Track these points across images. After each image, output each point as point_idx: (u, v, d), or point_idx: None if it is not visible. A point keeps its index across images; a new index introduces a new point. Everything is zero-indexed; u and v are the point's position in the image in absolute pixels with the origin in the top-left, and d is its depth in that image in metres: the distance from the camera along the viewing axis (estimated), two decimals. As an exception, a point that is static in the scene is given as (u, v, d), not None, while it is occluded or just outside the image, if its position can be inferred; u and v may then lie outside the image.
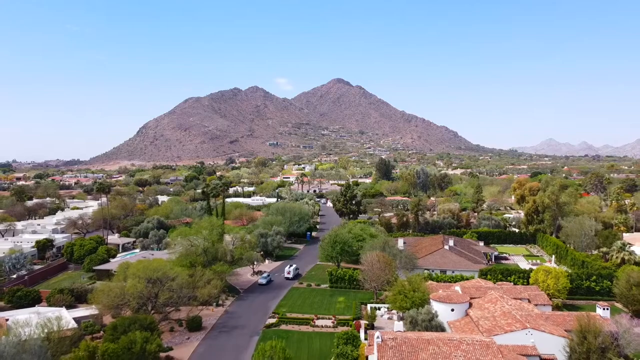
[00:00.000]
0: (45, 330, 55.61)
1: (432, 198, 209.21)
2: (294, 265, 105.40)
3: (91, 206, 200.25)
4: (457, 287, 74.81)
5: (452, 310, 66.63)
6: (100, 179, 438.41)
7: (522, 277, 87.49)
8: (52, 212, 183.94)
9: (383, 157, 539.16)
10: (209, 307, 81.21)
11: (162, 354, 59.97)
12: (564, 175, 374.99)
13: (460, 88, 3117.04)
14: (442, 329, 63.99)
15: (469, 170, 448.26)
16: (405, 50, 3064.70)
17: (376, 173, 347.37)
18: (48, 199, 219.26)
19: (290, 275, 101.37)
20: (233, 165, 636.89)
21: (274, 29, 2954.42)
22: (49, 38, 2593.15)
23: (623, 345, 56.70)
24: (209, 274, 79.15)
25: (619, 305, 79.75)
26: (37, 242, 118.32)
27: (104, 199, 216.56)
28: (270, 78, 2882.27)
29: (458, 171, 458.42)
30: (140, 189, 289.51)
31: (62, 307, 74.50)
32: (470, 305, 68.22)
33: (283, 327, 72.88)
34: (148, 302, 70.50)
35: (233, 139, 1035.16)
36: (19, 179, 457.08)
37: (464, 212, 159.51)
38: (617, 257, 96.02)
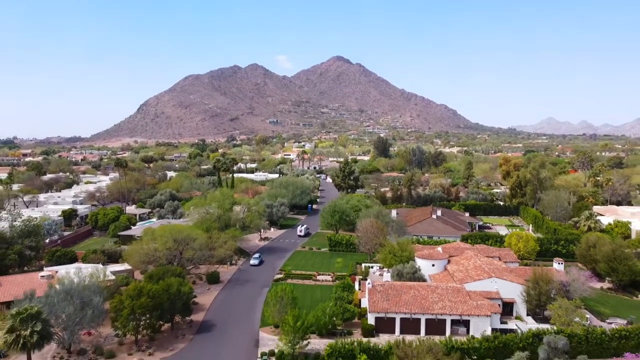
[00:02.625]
0: (94, 279, 67.39)
1: (426, 174, 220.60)
2: (305, 225, 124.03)
3: (103, 180, 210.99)
4: (439, 248, 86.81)
5: (433, 265, 78.62)
6: (105, 155, 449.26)
7: (498, 241, 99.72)
8: (68, 186, 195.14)
9: (382, 135, 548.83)
10: (223, 266, 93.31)
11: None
12: (556, 153, 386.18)
13: (461, 66, 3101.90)
14: (424, 281, 75.89)
15: (465, 148, 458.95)
16: (405, 27, 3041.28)
17: (374, 151, 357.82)
18: (61, 173, 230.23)
19: (302, 233, 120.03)
20: (234, 142, 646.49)
21: (274, 5, 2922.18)
22: (44, 13, 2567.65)
23: (571, 291, 68.81)
24: (224, 236, 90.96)
25: (580, 265, 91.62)
26: (63, 211, 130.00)
27: (115, 174, 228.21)
28: (270, 55, 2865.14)
29: (455, 149, 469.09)
30: (147, 165, 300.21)
31: (97, 264, 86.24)
32: (449, 261, 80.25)
33: (289, 281, 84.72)
34: (174, 259, 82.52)
35: (233, 117, 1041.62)
36: (25, 155, 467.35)
37: (454, 187, 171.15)
38: (584, 225, 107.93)
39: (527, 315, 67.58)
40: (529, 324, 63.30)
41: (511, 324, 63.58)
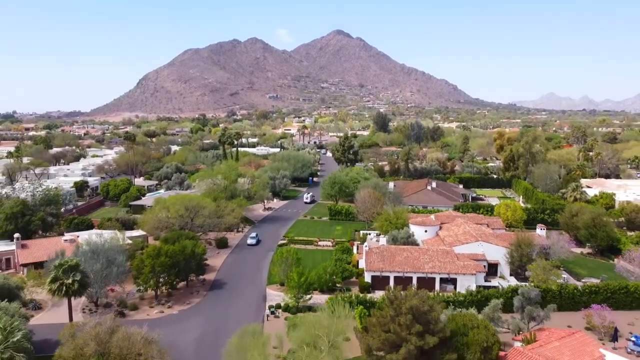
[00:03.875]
0: (114, 242, 73.65)
1: (424, 149, 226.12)
2: (311, 193, 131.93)
3: (108, 154, 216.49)
4: (432, 216, 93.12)
5: (426, 231, 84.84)
6: (107, 130, 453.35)
7: (488, 210, 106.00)
8: (76, 159, 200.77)
9: (381, 110, 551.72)
10: (231, 232, 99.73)
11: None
12: (553, 129, 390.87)
13: (462, 40, 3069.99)
14: (417, 245, 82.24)
15: (463, 123, 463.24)
16: (405, 1, 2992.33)
17: (373, 126, 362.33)
18: (67, 147, 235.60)
19: (308, 200, 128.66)
20: (235, 117, 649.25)
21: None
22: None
23: (551, 254, 75.31)
24: (231, 205, 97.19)
25: (564, 232, 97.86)
26: (75, 183, 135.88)
27: (119, 148, 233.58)
28: (270, 29, 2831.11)
29: (454, 124, 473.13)
30: (150, 139, 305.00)
31: (114, 230, 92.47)
32: (440, 228, 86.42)
33: (292, 246, 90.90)
34: (186, 225, 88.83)
35: (233, 92, 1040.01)
36: (28, 129, 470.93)
37: (450, 160, 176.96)
38: (571, 196, 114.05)
39: (510, 275, 74.14)
40: (511, 282, 69.86)
41: (494, 282, 70.21)
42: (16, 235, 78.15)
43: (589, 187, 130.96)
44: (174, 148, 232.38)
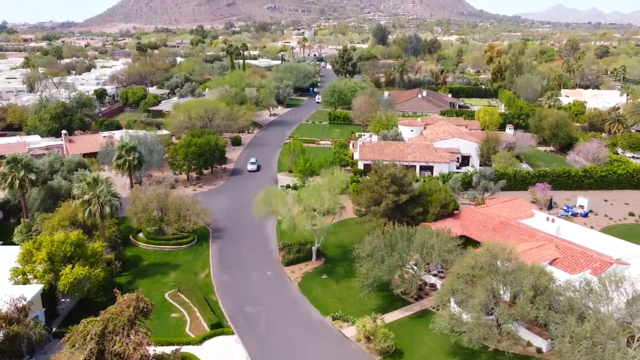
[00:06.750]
0: (148, 137, 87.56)
1: (420, 61, 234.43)
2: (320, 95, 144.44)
3: (116, 65, 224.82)
4: (419, 119, 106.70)
5: (412, 130, 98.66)
6: (107, 41, 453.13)
7: (470, 115, 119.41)
8: (87, 69, 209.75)
9: (381, 23, 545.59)
10: (242, 133, 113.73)
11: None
12: (552, 42, 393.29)
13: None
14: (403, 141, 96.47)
15: (462, 37, 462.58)
16: None
17: (373, 39, 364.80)
18: (74, 58, 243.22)
19: (319, 100, 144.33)
20: (233, 29, 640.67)
21: None
22: None
23: (515, 148, 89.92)
24: (242, 109, 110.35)
25: (534, 134, 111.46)
26: (95, 91, 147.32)
27: (125, 59, 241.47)
28: None
29: (453, 37, 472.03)
30: (152, 50, 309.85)
31: (141, 130, 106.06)
32: (425, 128, 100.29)
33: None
34: (205, 125, 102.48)
35: (230, 2, 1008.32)
36: (26, 40, 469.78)
37: (443, 73, 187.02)
38: (546, 104, 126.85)
39: (480, 165, 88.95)
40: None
41: (464, 169, 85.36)
42: (63, 131, 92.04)
43: (567, 96, 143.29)
44: (179, 60, 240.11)
